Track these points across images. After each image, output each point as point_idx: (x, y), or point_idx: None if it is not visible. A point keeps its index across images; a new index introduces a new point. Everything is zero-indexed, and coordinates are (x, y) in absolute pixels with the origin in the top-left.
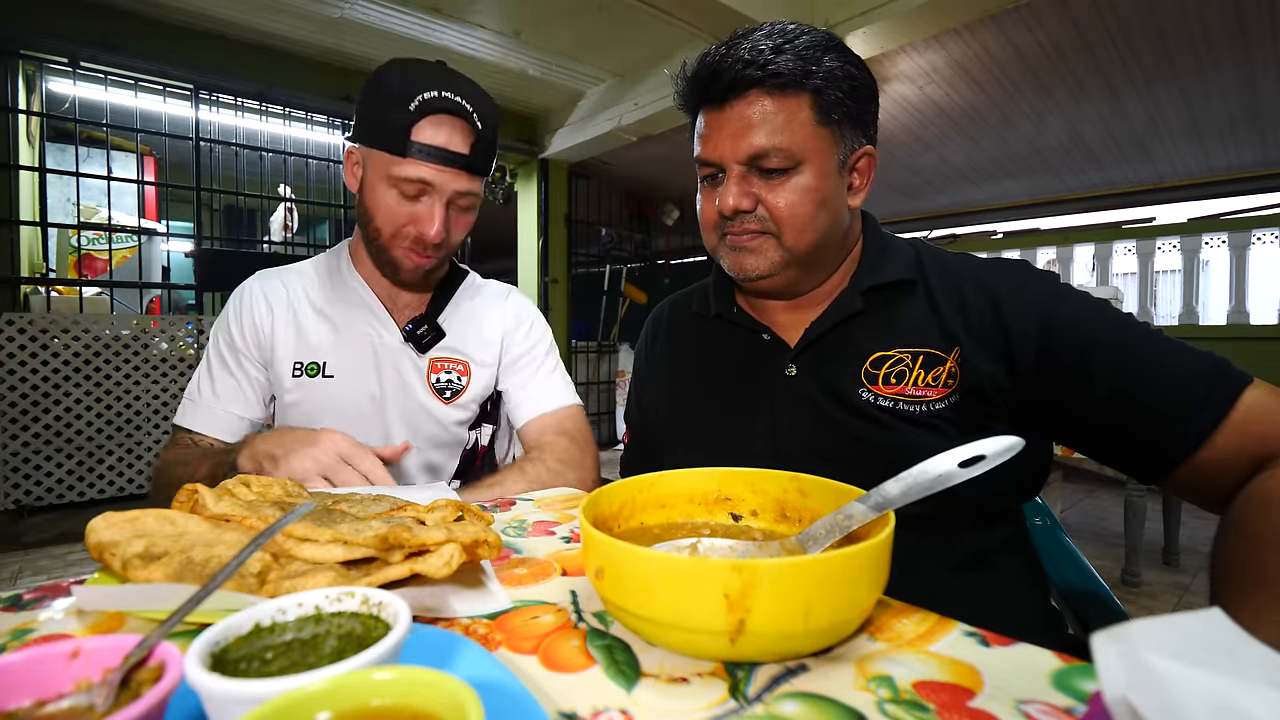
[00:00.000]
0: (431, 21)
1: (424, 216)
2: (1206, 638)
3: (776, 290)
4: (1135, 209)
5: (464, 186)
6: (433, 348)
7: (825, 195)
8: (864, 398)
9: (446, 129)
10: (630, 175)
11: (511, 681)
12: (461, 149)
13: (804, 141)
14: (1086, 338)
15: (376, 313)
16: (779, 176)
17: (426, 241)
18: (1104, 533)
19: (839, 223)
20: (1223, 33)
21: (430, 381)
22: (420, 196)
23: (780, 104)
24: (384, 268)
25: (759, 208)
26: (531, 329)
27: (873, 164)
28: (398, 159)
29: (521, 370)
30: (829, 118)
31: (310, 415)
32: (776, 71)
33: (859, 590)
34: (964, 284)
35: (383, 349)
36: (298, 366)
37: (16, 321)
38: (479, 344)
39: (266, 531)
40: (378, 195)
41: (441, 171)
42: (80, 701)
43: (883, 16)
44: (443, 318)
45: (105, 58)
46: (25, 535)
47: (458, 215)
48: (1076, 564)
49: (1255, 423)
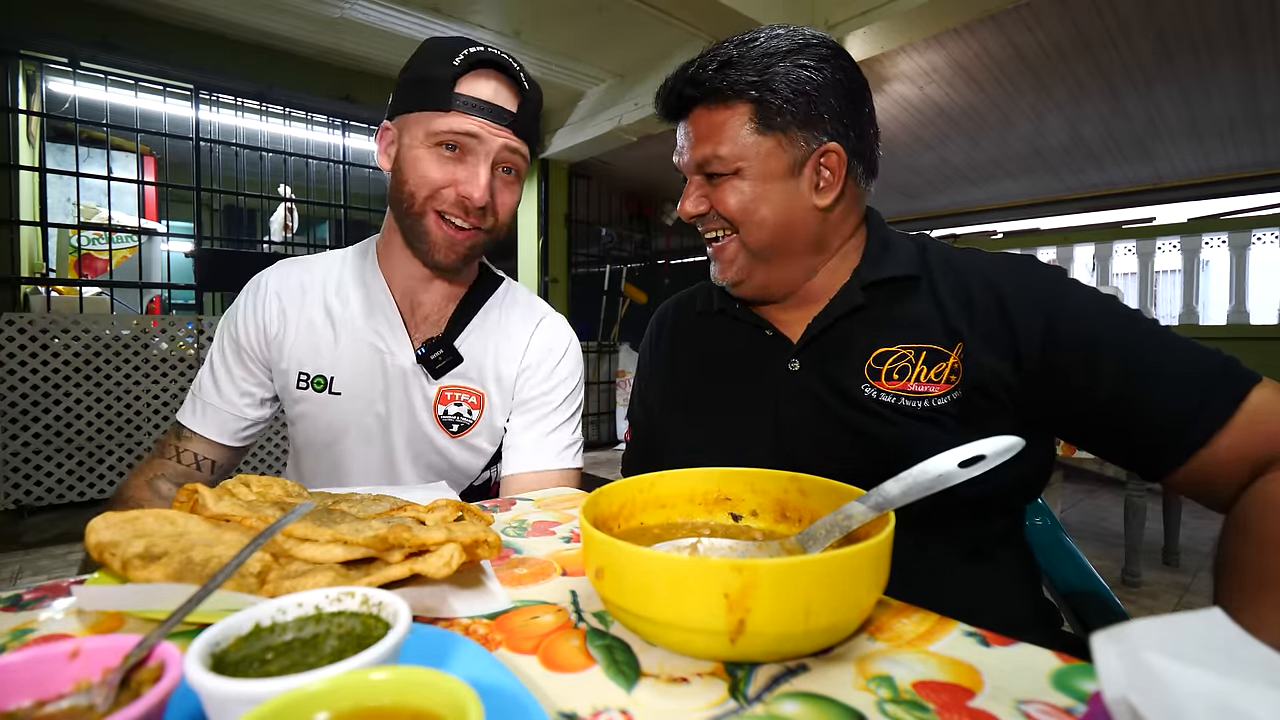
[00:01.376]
0: (431, 21)
1: (466, 176)
2: (1206, 638)
3: (754, 296)
4: (1135, 209)
5: (512, 144)
6: (446, 374)
7: (769, 196)
8: (866, 393)
9: (494, 83)
10: (630, 175)
11: (511, 681)
12: (509, 105)
13: (742, 149)
14: (1092, 333)
15: (392, 323)
16: (720, 179)
17: (470, 203)
18: (1104, 533)
19: (800, 223)
20: (1223, 33)
21: (437, 413)
22: (464, 157)
23: (719, 116)
24: (416, 247)
25: (713, 209)
26: (555, 370)
27: (843, 161)
28: (440, 114)
29: (527, 414)
30: (771, 124)
31: (317, 429)
32: (714, 88)
33: (859, 590)
34: (969, 280)
35: (393, 368)
36: (303, 378)
37: (16, 321)
38: (495, 377)
39: (266, 531)
40: (415, 158)
41: (488, 126)
42: (80, 701)
43: (883, 16)
44: (463, 336)
45: (105, 58)
46: (25, 535)
47: (502, 185)
48: (1076, 564)
49: (1262, 423)
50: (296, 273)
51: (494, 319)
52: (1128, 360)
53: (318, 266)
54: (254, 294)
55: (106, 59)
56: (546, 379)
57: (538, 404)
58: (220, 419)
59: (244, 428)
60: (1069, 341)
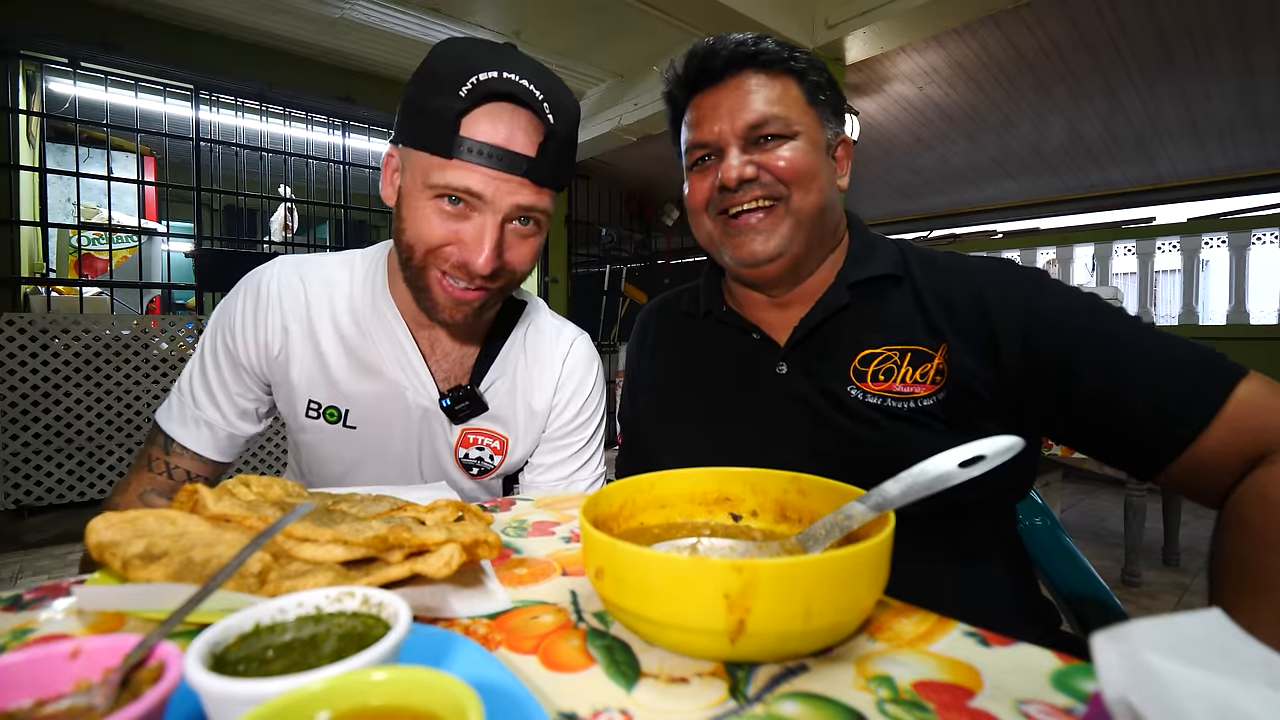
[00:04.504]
0: (431, 21)
1: (470, 237)
2: (1206, 638)
3: (779, 275)
4: (1135, 209)
5: (526, 201)
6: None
7: (820, 165)
8: (853, 395)
9: (507, 123)
10: (630, 175)
11: (511, 681)
12: (525, 149)
13: (799, 115)
14: (1072, 333)
15: (412, 360)
16: (774, 141)
17: (472, 270)
18: (1104, 533)
19: (834, 201)
20: (1223, 32)
21: (458, 455)
22: (469, 214)
23: (773, 80)
24: (420, 301)
25: (762, 174)
26: (586, 402)
27: (849, 152)
28: (440, 161)
29: (552, 451)
30: (815, 99)
31: (328, 459)
32: (766, 50)
33: (859, 590)
34: (949, 281)
35: (415, 406)
36: (314, 407)
37: (16, 321)
38: (527, 415)
39: (266, 531)
40: (414, 209)
41: (496, 179)
42: (80, 701)
43: (883, 16)
44: (489, 380)
45: (105, 58)
46: (25, 535)
47: (518, 240)
48: (1076, 564)
49: (1251, 416)
50: (300, 281)
51: (518, 356)
52: (1110, 359)
53: (324, 275)
54: (253, 302)
55: (107, 59)
56: (575, 417)
57: (564, 444)
58: (214, 436)
59: (240, 444)
60: (1049, 342)
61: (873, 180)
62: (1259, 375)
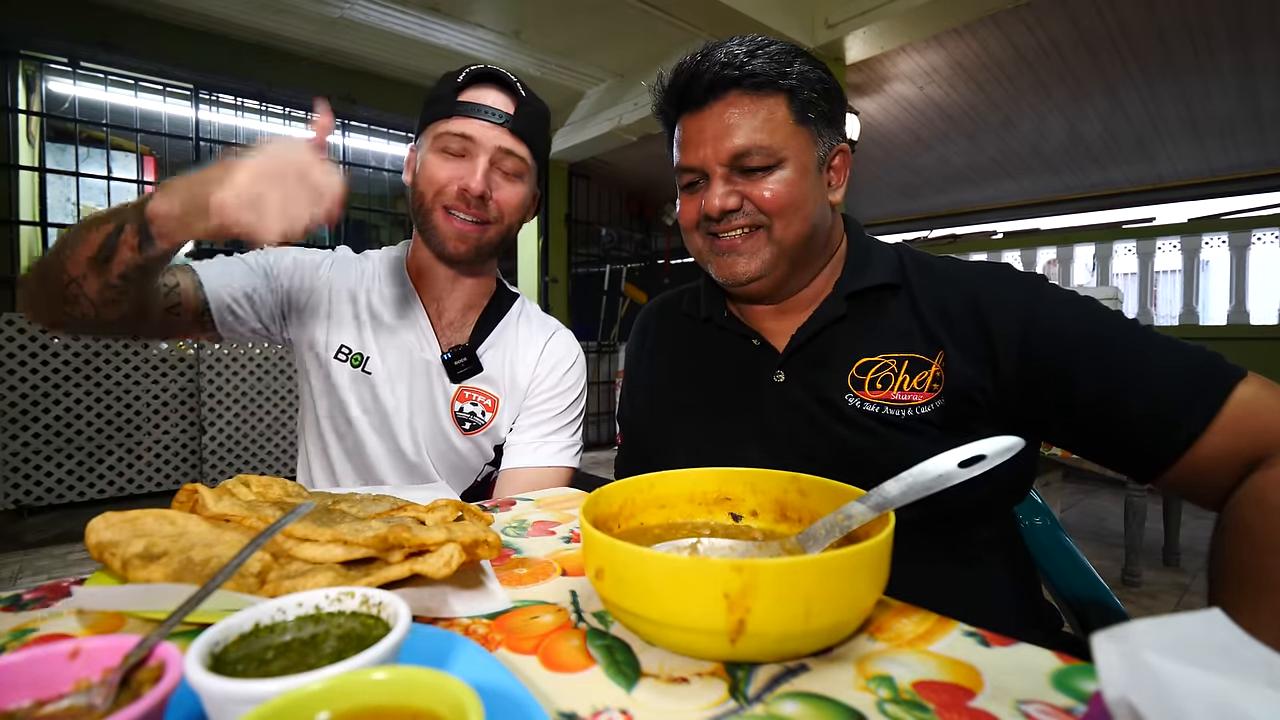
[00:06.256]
0: (431, 21)
1: (466, 170)
2: (1206, 638)
3: (765, 293)
4: (1135, 209)
5: (507, 144)
6: (467, 379)
7: (807, 190)
8: (850, 403)
9: (492, 92)
10: (630, 175)
11: (511, 682)
12: (505, 108)
13: (784, 140)
14: (1069, 339)
15: (420, 323)
16: (761, 174)
17: (469, 193)
18: (1104, 533)
19: (824, 218)
20: (1223, 32)
21: (453, 409)
22: (465, 155)
23: (758, 103)
24: (431, 244)
25: (745, 204)
26: (561, 379)
27: (847, 161)
28: (444, 121)
29: (531, 416)
30: (805, 117)
31: (344, 402)
32: (752, 72)
33: (859, 590)
34: (946, 288)
35: (419, 361)
36: (345, 351)
37: (16, 321)
38: (511, 383)
39: (266, 531)
40: (425, 163)
41: (484, 126)
42: (80, 701)
43: (883, 16)
44: (485, 347)
45: (105, 58)
46: (25, 535)
47: (504, 181)
48: (1076, 564)
49: (1249, 418)
50: (356, 266)
51: (511, 333)
52: (1107, 363)
53: (368, 262)
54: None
55: (106, 59)
56: (553, 388)
57: (541, 409)
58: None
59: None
60: (1046, 349)
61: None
62: (1257, 377)
